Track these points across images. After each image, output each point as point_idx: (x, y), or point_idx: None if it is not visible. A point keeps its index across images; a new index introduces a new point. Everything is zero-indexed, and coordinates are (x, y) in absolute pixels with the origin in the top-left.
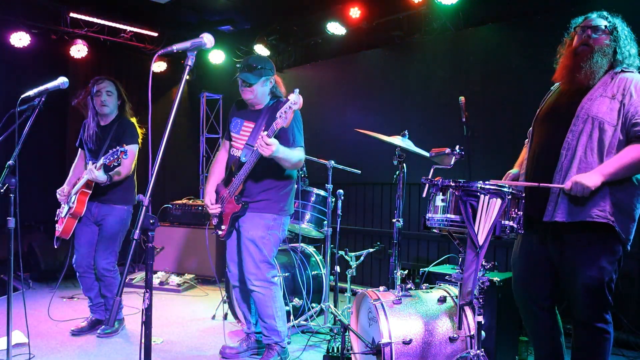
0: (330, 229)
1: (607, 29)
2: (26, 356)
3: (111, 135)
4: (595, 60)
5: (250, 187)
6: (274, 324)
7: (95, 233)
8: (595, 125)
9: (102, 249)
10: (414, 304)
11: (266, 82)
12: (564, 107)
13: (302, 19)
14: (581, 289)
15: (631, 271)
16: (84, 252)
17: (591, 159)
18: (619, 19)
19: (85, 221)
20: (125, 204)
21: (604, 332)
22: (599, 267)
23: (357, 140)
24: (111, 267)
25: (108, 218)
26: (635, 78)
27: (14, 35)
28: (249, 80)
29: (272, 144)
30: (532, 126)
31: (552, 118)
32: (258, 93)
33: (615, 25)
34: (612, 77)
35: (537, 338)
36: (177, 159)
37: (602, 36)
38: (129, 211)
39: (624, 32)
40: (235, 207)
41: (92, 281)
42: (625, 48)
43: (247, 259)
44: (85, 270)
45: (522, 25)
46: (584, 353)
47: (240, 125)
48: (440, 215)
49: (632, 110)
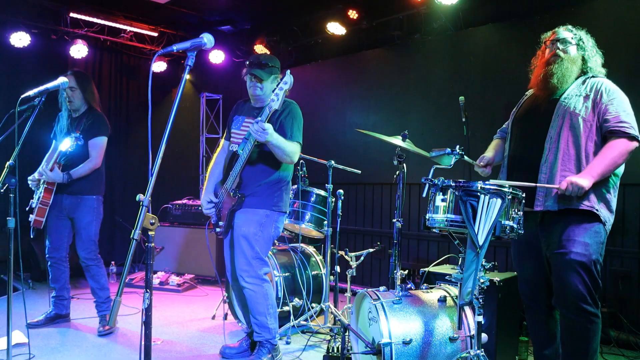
0: (330, 229)
1: (574, 40)
2: (26, 356)
3: (80, 127)
4: (565, 67)
5: (245, 181)
6: (265, 321)
7: (68, 226)
8: (574, 120)
9: (79, 240)
10: (414, 304)
11: (275, 79)
12: (543, 107)
13: (302, 19)
14: (569, 266)
15: (631, 271)
16: (55, 243)
17: (572, 150)
18: (583, 31)
19: (56, 213)
20: (94, 194)
21: (593, 315)
22: (584, 243)
23: (357, 140)
24: (93, 256)
25: (78, 209)
26: (605, 81)
27: (14, 35)
28: (262, 76)
29: (267, 128)
30: (510, 126)
31: (532, 117)
32: (267, 90)
33: (581, 37)
34: (584, 81)
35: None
36: (177, 159)
37: (570, 47)
38: (99, 200)
39: (589, 43)
40: (232, 200)
41: (60, 273)
42: (592, 57)
43: (239, 255)
44: (56, 260)
45: (522, 25)
46: (573, 337)
47: (241, 121)
48: (440, 215)
49: (603, 109)
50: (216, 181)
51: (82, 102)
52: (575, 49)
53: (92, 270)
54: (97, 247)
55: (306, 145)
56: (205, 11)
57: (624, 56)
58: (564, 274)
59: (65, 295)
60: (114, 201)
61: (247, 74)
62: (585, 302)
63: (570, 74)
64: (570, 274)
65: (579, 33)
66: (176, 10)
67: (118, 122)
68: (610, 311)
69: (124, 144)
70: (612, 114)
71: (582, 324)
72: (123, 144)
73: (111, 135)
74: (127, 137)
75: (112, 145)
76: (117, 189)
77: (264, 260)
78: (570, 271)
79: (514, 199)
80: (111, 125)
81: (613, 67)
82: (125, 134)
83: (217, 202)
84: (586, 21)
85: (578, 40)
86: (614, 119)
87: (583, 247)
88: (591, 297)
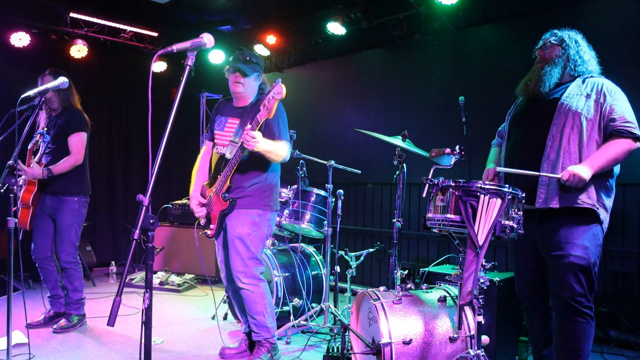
0: (330, 229)
1: (555, 42)
2: (26, 356)
3: (57, 124)
4: (545, 71)
5: (236, 184)
6: (264, 320)
7: (50, 226)
8: (577, 118)
9: (59, 242)
10: (414, 304)
11: (258, 77)
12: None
13: (302, 19)
14: (568, 269)
15: (631, 271)
16: (39, 244)
17: (574, 148)
18: (569, 31)
19: (39, 214)
20: (76, 195)
21: (588, 316)
22: (583, 247)
23: (357, 140)
24: (71, 259)
25: (59, 211)
26: (605, 81)
27: (14, 35)
28: (246, 71)
29: (257, 137)
30: (508, 127)
31: (532, 116)
32: (249, 87)
33: (563, 37)
34: (584, 80)
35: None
36: (177, 159)
37: (552, 49)
38: (81, 201)
39: (572, 41)
40: (222, 204)
41: (49, 273)
42: (576, 55)
43: (235, 257)
44: (42, 261)
45: (522, 25)
46: (567, 339)
47: (224, 122)
48: (440, 215)
49: (609, 109)
50: (202, 184)
51: (61, 101)
52: (558, 50)
53: (69, 272)
54: (77, 250)
55: (306, 145)
56: (205, 11)
57: (624, 56)
58: (562, 276)
59: (59, 293)
60: (114, 201)
61: (229, 69)
62: (582, 305)
63: (551, 76)
64: (569, 276)
65: (563, 34)
66: (176, 10)
67: (118, 122)
68: (610, 311)
69: (124, 144)
70: (617, 114)
71: (577, 325)
72: (123, 144)
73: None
74: (127, 137)
75: (112, 145)
76: (117, 189)
77: (260, 260)
78: (568, 274)
79: (514, 198)
80: (111, 126)
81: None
82: (125, 134)
83: (206, 204)
84: (586, 21)
85: (559, 41)
86: (620, 119)
87: (583, 250)
88: (586, 299)
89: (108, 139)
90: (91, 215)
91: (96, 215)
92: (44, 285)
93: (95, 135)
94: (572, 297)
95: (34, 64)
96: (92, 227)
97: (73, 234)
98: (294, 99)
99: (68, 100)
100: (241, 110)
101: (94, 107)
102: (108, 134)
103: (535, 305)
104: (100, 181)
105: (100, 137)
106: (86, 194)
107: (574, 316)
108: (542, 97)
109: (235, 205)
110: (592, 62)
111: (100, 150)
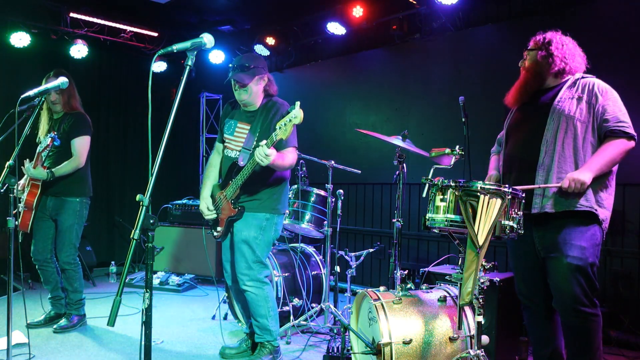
0: (330, 229)
1: (538, 44)
2: (26, 356)
3: (61, 128)
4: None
5: (245, 189)
6: (267, 323)
7: (52, 227)
8: (570, 122)
9: (60, 243)
10: (414, 304)
11: (259, 80)
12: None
13: (302, 19)
14: (566, 270)
15: (631, 271)
16: (39, 245)
17: (568, 152)
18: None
19: (41, 215)
20: (78, 196)
21: (592, 315)
22: (580, 247)
23: (357, 140)
24: (71, 260)
25: (61, 212)
26: (596, 81)
27: (14, 35)
28: (243, 80)
29: (271, 155)
30: (505, 134)
31: (526, 122)
32: (252, 92)
33: (546, 38)
34: (575, 82)
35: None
36: (177, 159)
37: (535, 52)
38: (83, 203)
39: (555, 40)
40: (232, 211)
41: (49, 274)
42: (560, 55)
43: (240, 259)
44: (42, 263)
45: (522, 25)
46: (575, 338)
47: (234, 126)
48: (440, 215)
49: (601, 109)
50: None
51: (64, 104)
52: (542, 52)
53: (69, 273)
54: (77, 251)
55: (306, 145)
56: (205, 11)
57: (623, 56)
58: (561, 278)
59: (60, 294)
60: (113, 201)
61: (230, 79)
62: (583, 305)
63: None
64: (567, 278)
65: (545, 36)
66: (176, 10)
67: (118, 122)
68: (610, 311)
69: (123, 144)
70: (610, 114)
71: (582, 325)
72: (123, 144)
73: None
74: (127, 137)
75: (112, 145)
76: (117, 189)
77: (265, 264)
78: (566, 275)
79: (513, 198)
80: (111, 126)
81: (613, 68)
82: (125, 134)
83: (215, 208)
84: (586, 21)
85: (542, 43)
86: (613, 119)
87: (579, 250)
88: (588, 299)
89: (107, 139)
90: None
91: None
92: (44, 287)
93: (95, 135)
94: (574, 300)
95: (34, 64)
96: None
97: (73, 235)
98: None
99: (71, 103)
100: (250, 115)
101: (94, 107)
102: (107, 134)
103: (535, 305)
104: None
105: (99, 137)
106: (87, 195)
107: (579, 319)
108: (534, 103)
109: (243, 212)
110: (579, 61)
111: (100, 150)
